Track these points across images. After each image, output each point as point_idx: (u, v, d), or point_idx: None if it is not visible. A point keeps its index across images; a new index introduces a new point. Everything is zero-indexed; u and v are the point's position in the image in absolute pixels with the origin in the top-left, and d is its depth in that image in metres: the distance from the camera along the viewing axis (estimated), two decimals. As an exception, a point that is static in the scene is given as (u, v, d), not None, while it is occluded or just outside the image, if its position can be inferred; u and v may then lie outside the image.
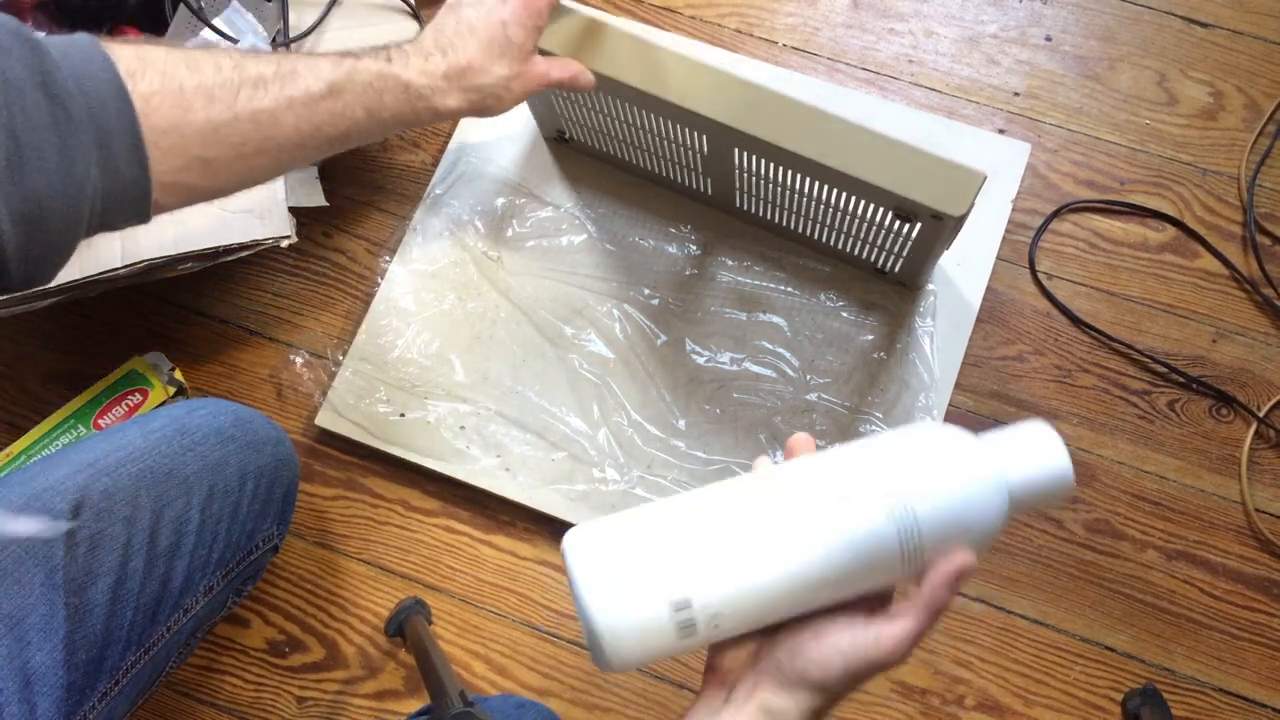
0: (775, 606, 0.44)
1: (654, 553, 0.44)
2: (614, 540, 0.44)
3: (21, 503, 0.64)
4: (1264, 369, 0.92)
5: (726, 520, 0.45)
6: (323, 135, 0.61)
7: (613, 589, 0.43)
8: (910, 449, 0.46)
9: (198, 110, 0.55)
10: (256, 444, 0.76)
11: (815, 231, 0.91)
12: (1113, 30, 1.04)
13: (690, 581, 0.43)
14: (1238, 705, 0.84)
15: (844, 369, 0.91)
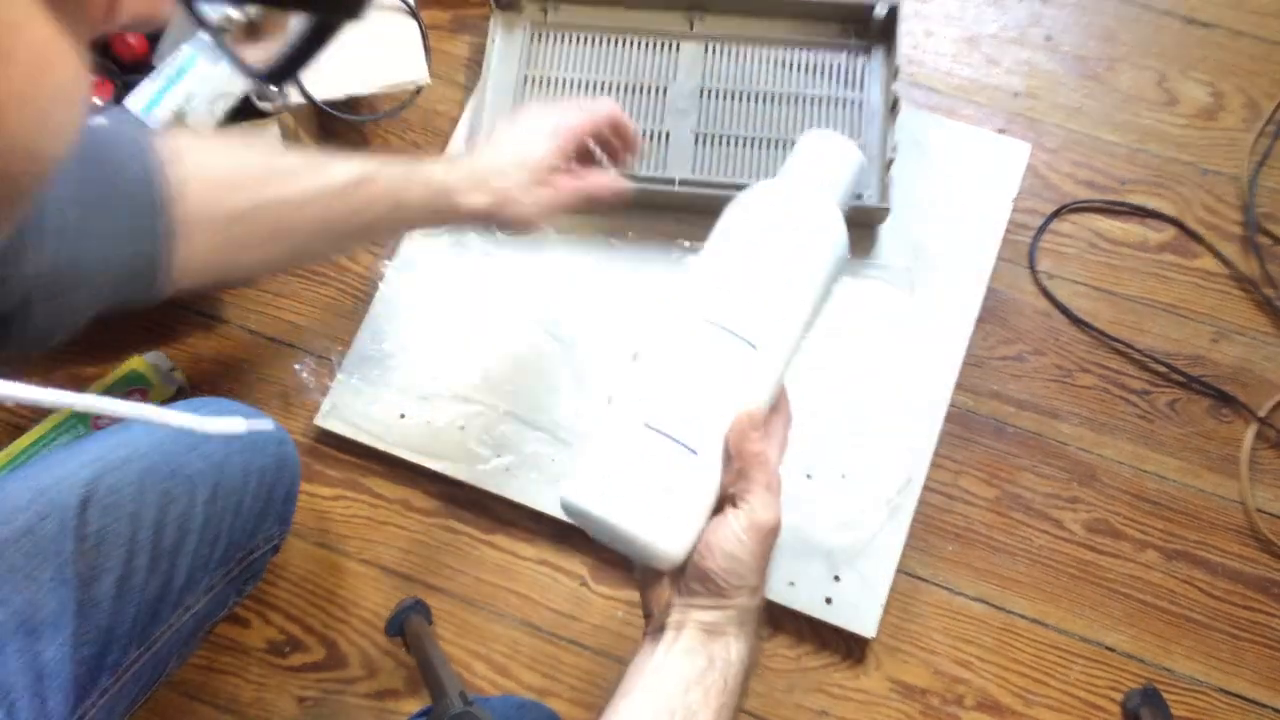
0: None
1: (629, 460, 0.48)
2: (603, 472, 0.48)
3: (30, 497, 0.64)
4: (1264, 369, 0.92)
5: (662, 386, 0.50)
6: (346, 226, 0.62)
7: (634, 504, 0.47)
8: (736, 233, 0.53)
9: (224, 200, 0.57)
10: (260, 443, 0.76)
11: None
12: (1113, 30, 1.04)
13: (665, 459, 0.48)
14: (1237, 705, 0.84)
15: (849, 353, 0.91)
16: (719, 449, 0.48)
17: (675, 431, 0.47)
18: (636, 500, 0.46)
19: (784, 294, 0.50)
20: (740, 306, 0.49)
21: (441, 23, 1.07)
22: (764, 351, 0.49)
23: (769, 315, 0.50)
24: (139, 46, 0.88)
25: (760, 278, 0.50)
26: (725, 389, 0.48)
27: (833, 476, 0.88)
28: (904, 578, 0.87)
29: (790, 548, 0.86)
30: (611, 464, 0.48)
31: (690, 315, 0.50)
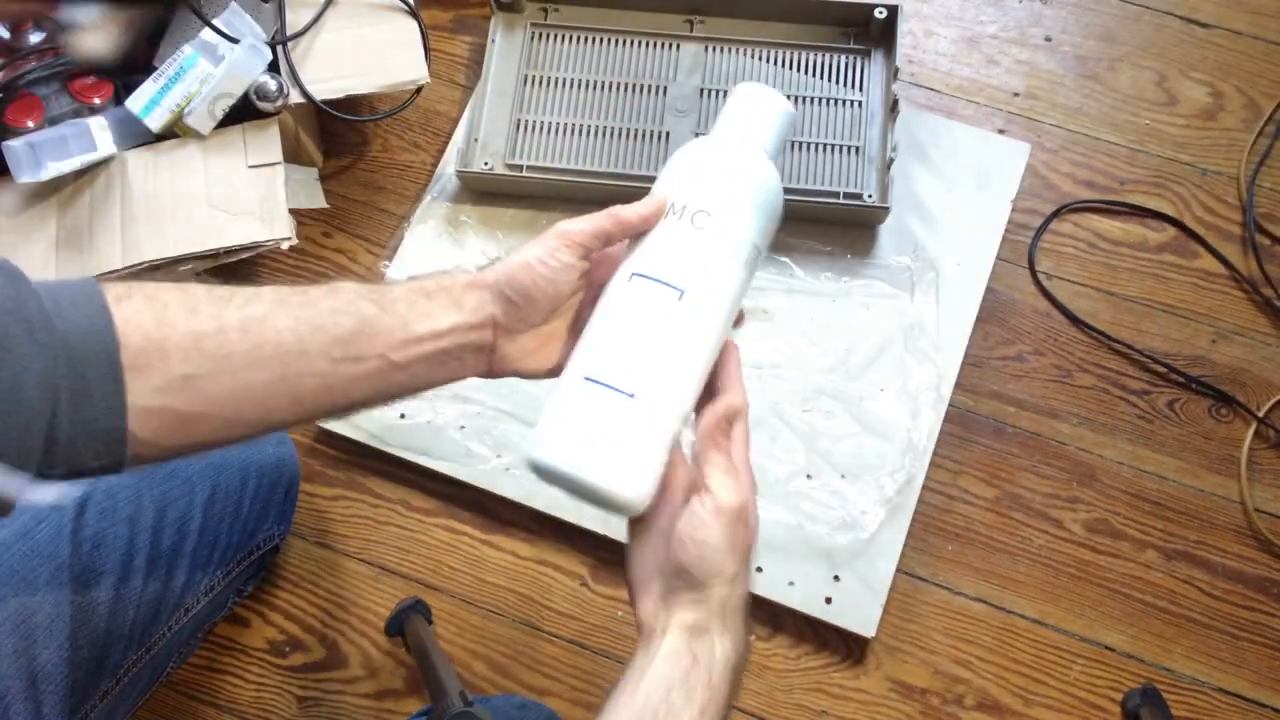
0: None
1: (590, 410, 0.50)
2: (556, 428, 0.50)
3: (18, 516, 0.64)
4: (1263, 369, 0.92)
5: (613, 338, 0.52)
6: (326, 337, 0.51)
7: (585, 454, 0.49)
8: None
9: (179, 323, 0.49)
10: (258, 444, 0.76)
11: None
12: (1112, 30, 1.05)
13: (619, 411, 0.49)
14: (1237, 705, 0.84)
15: (848, 352, 0.91)
16: (661, 392, 0.50)
17: (610, 379, 0.49)
18: (586, 449, 0.49)
19: (710, 242, 0.52)
20: (666, 256, 0.51)
21: (441, 23, 1.07)
22: (691, 296, 0.50)
23: (694, 261, 0.51)
24: (139, 46, 0.89)
25: (686, 227, 0.52)
26: (654, 334, 0.50)
27: (833, 476, 0.88)
28: (904, 578, 0.87)
29: (790, 548, 0.86)
30: (561, 418, 0.50)
31: (623, 270, 0.52)
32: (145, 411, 0.47)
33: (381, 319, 0.51)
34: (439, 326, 0.52)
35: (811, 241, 0.95)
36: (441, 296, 0.53)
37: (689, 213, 0.51)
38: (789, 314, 0.93)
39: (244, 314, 0.49)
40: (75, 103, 0.86)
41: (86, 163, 0.84)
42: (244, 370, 0.49)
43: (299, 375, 0.50)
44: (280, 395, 0.51)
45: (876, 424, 0.89)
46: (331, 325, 0.51)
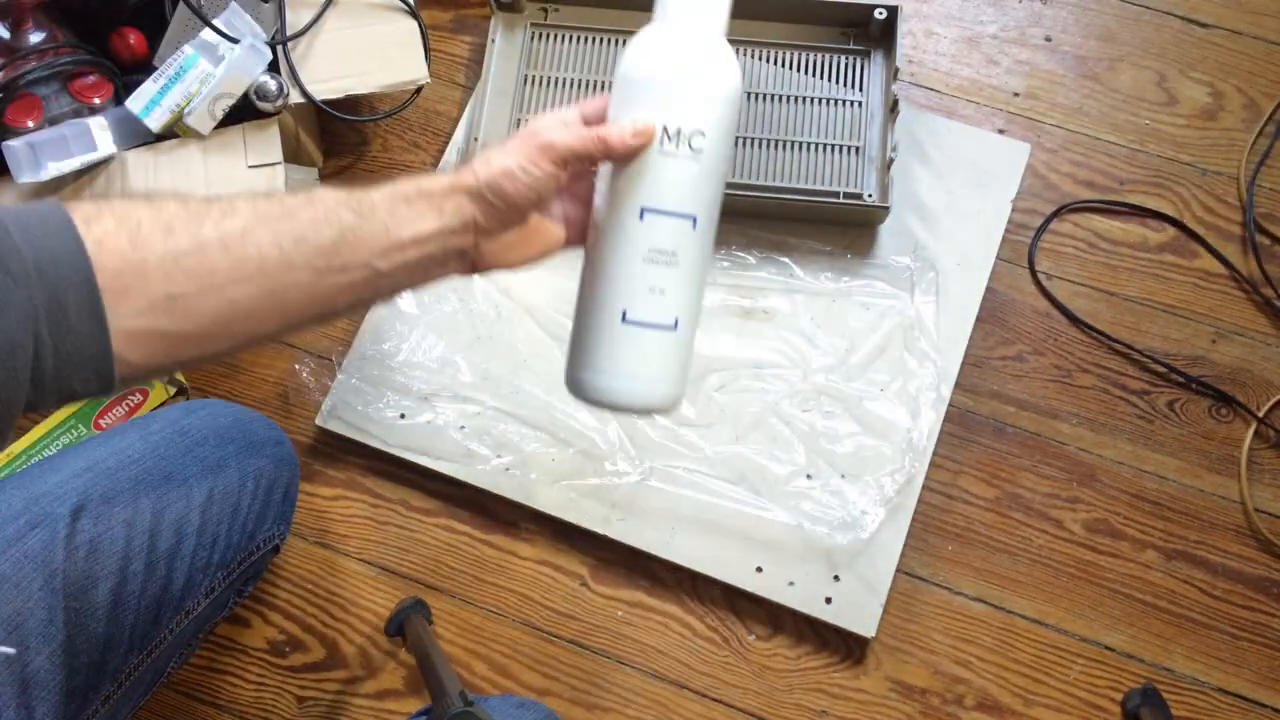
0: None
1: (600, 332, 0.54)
2: (617, 363, 0.54)
3: (21, 506, 0.64)
4: (1263, 369, 0.92)
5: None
6: (310, 249, 0.51)
7: (648, 386, 0.54)
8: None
9: (155, 243, 0.48)
10: (256, 445, 0.76)
11: (790, 170, 0.91)
12: (1112, 30, 1.05)
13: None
14: (1237, 705, 0.84)
15: (848, 352, 0.91)
16: (693, 313, 0.55)
17: (651, 318, 0.53)
18: (640, 383, 0.54)
19: (710, 164, 0.53)
20: (674, 188, 0.52)
21: (441, 23, 1.07)
22: (702, 220, 0.53)
23: (700, 188, 0.53)
24: (139, 46, 0.88)
25: (686, 153, 0.52)
26: (680, 265, 0.53)
27: (833, 476, 0.88)
28: (904, 578, 0.87)
29: (790, 548, 0.86)
30: (609, 358, 0.54)
31: (625, 202, 0.53)
32: (130, 334, 0.47)
33: (363, 227, 0.52)
34: (422, 231, 0.53)
35: (811, 241, 0.95)
36: (421, 202, 0.53)
37: (684, 137, 0.52)
38: (789, 314, 0.93)
39: (222, 230, 0.49)
40: (75, 103, 0.86)
41: (86, 163, 0.84)
42: (229, 287, 0.49)
43: (285, 288, 0.51)
44: (267, 309, 0.51)
45: (876, 424, 0.89)
46: (314, 236, 0.51)
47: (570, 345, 0.56)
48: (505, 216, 0.54)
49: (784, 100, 0.97)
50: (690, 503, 0.87)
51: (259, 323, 0.51)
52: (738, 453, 0.89)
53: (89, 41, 0.87)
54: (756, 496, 0.87)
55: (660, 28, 0.53)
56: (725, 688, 0.85)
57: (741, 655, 0.86)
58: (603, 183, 0.55)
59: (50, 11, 0.86)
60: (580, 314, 0.56)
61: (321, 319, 0.54)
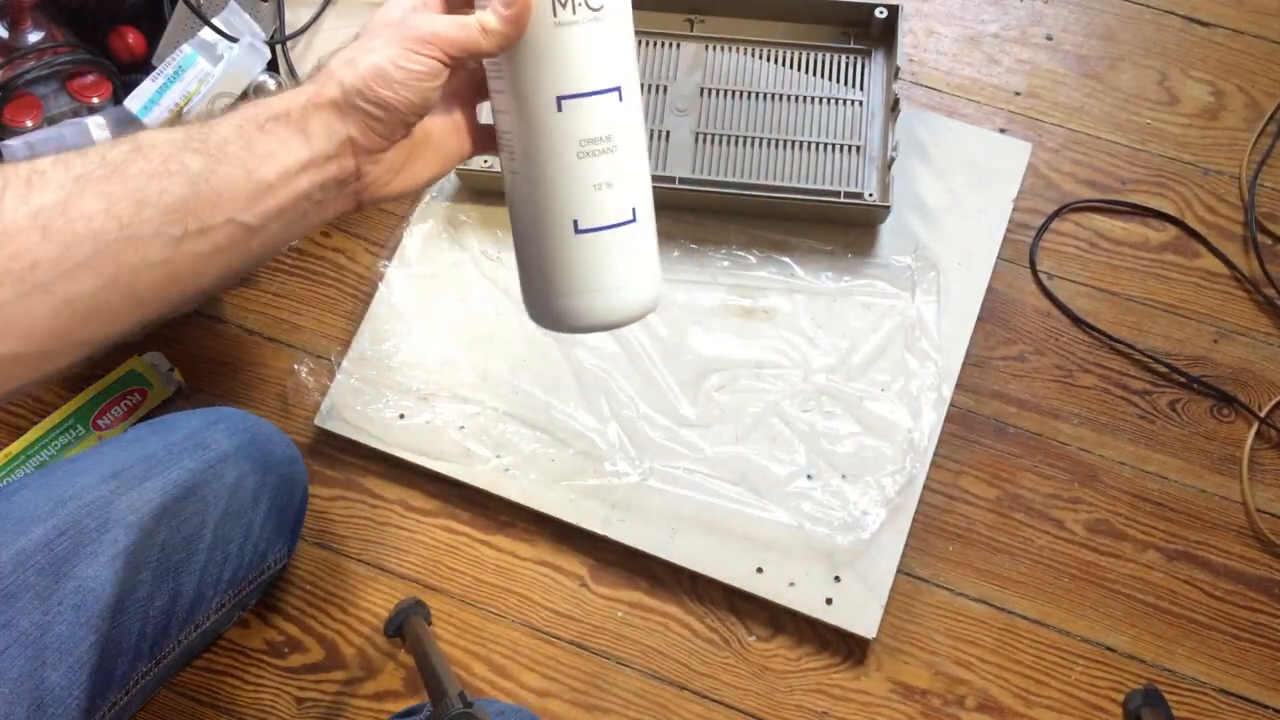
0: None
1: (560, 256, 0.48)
2: (590, 280, 0.48)
3: (48, 508, 0.63)
4: (1265, 369, 0.92)
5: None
6: (155, 212, 0.39)
7: (625, 294, 0.48)
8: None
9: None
10: (273, 464, 0.75)
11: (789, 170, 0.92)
12: (1114, 29, 1.04)
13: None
14: (1239, 706, 0.83)
15: (849, 351, 0.91)
16: (647, 193, 0.48)
17: (607, 219, 0.47)
18: (618, 294, 0.48)
19: (615, 22, 0.46)
20: (585, 64, 0.45)
21: (441, 22, 1.07)
22: (627, 87, 0.47)
23: (613, 54, 0.46)
24: (138, 46, 0.88)
25: (586, 18, 0.45)
26: (619, 149, 0.46)
27: (833, 477, 0.87)
28: (904, 578, 0.86)
29: (791, 548, 0.85)
30: (578, 278, 0.48)
31: (531, 91, 0.45)
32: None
33: (217, 172, 0.40)
34: (289, 164, 0.41)
35: (812, 241, 0.95)
36: (279, 127, 0.42)
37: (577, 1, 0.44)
38: (789, 313, 0.93)
39: (32, 206, 0.36)
40: (74, 102, 0.86)
41: (85, 162, 0.84)
42: (59, 283, 0.36)
43: (134, 271, 0.38)
44: (115, 303, 0.39)
45: (877, 424, 0.89)
46: (156, 195, 0.38)
47: (521, 273, 0.50)
48: (387, 129, 0.43)
49: (784, 99, 0.97)
50: (690, 503, 0.87)
51: (107, 322, 0.39)
52: (738, 453, 0.88)
53: (87, 41, 0.87)
54: (757, 497, 0.87)
55: None
56: (725, 689, 0.85)
57: (742, 656, 0.85)
58: (497, 78, 0.47)
59: (49, 10, 0.86)
60: (522, 235, 0.49)
61: (185, 301, 0.42)
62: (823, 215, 0.95)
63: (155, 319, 0.41)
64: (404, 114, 0.43)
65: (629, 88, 0.47)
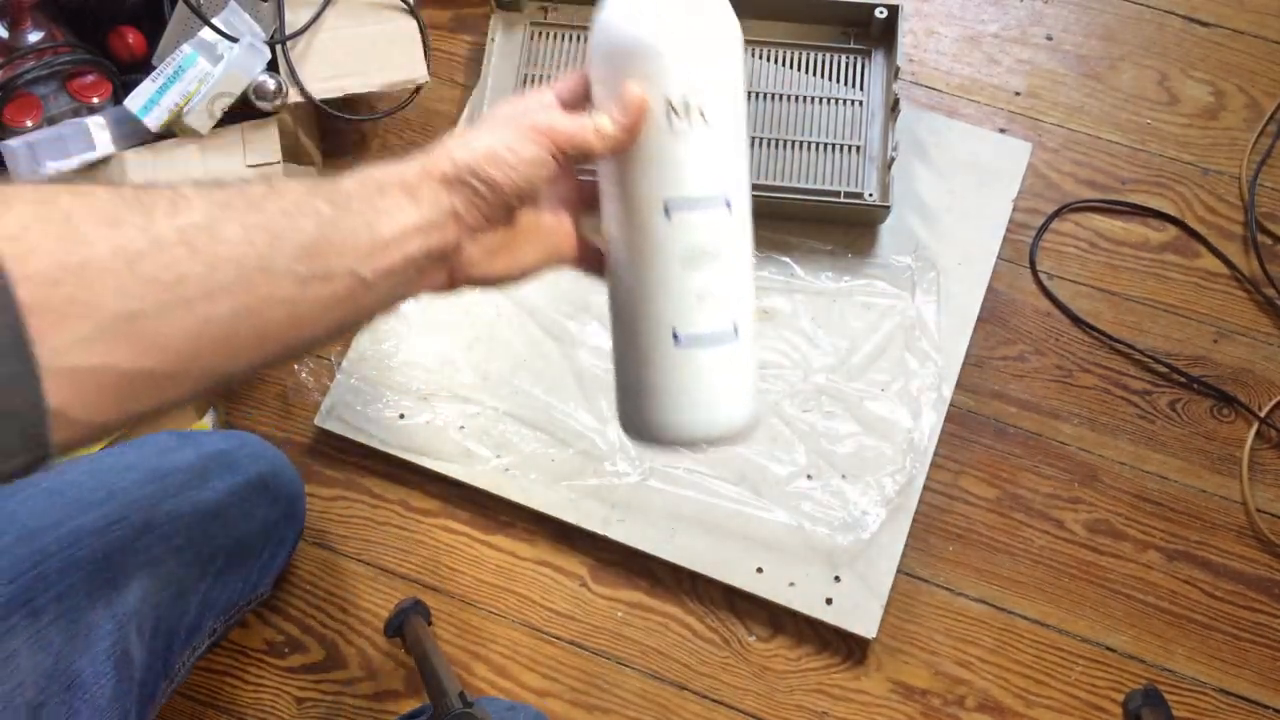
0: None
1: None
2: (685, 395, 0.47)
3: (101, 496, 0.64)
4: (1265, 369, 0.92)
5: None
6: (290, 248, 0.39)
7: (722, 412, 0.47)
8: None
9: (98, 240, 0.34)
10: (281, 500, 0.77)
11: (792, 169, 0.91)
12: (1114, 29, 1.04)
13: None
14: (1239, 706, 0.83)
15: (849, 351, 0.91)
16: (749, 308, 0.47)
17: (709, 328, 0.46)
18: (714, 410, 0.46)
19: (725, 128, 0.45)
20: (696, 170, 0.45)
21: (441, 22, 1.07)
22: (736, 198, 0.46)
23: (723, 162, 0.46)
24: (137, 46, 0.88)
25: (698, 125, 0.44)
26: (724, 260, 0.46)
27: (833, 477, 0.87)
28: (904, 578, 0.86)
29: (791, 548, 0.85)
30: (674, 392, 0.46)
31: (640, 198, 0.45)
32: (71, 375, 0.33)
33: (343, 221, 0.40)
34: (404, 226, 0.42)
35: (812, 240, 0.95)
36: (396, 191, 0.42)
37: (693, 107, 0.44)
38: (789, 313, 0.93)
39: (179, 223, 0.36)
40: (74, 102, 0.86)
41: (85, 162, 0.84)
42: (200, 302, 0.36)
43: (265, 305, 0.38)
44: (243, 335, 0.38)
45: (877, 424, 0.89)
46: (291, 232, 0.39)
47: (617, 381, 0.49)
48: (490, 208, 0.44)
49: (785, 99, 0.97)
50: (690, 503, 0.87)
51: (230, 354, 0.38)
52: (738, 453, 0.88)
53: (87, 40, 0.87)
54: (757, 497, 0.87)
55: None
56: (725, 689, 0.85)
57: (742, 656, 0.85)
58: (608, 182, 0.47)
59: (49, 10, 0.86)
60: (620, 341, 0.48)
61: (292, 352, 0.41)
62: (823, 215, 0.95)
63: (263, 366, 0.41)
64: (509, 195, 0.44)
65: (738, 200, 0.46)
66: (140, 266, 0.34)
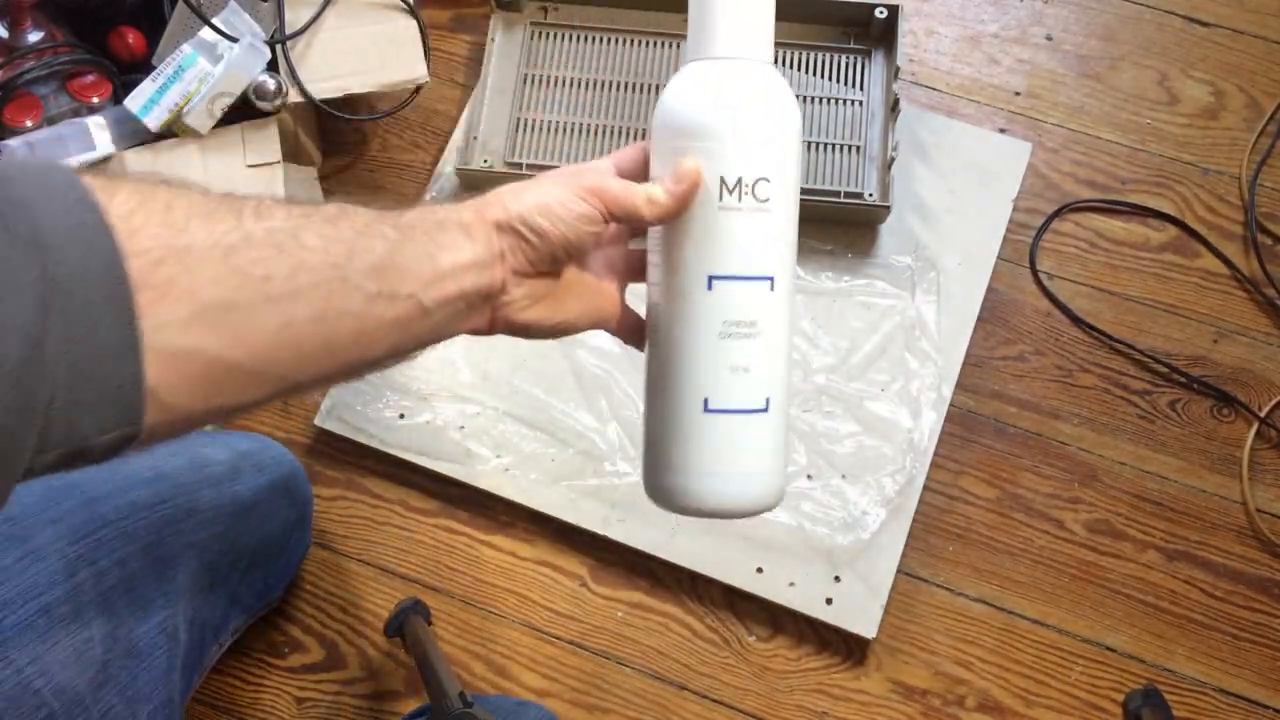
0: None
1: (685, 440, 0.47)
2: (710, 464, 0.47)
3: (151, 475, 0.66)
4: (1265, 369, 0.92)
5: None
6: (362, 264, 0.40)
7: (747, 484, 0.47)
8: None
9: (197, 229, 0.35)
10: (299, 504, 0.79)
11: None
12: (1113, 29, 1.04)
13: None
14: (1239, 706, 0.83)
15: (849, 351, 0.91)
16: (783, 386, 0.48)
17: (739, 403, 0.46)
18: (739, 482, 0.47)
19: (779, 213, 0.46)
20: (744, 248, 0.46)
21: (441, 22, 1.07)
22: (780, 279, 0.46)
23: (772, 243, 0.46)
24: (137, 46, 0.88)
25: (751, 206, 0.45)
26: (763, 337, 0.46)
27: (833, 477, 0.87)
28: (904, 578, 0.86)
29: (791, 548, 0.85)
30: (701, 458, 0.47)
31: (685, 269, 0.46)
32: (169, 356, 0.34)
33: (407, 247, 0.42)
34: (460, 260, 0.43)
35: (812, 240, 0.95)
36: (451, 227, 0.44)
37: (747, 186, 0.45)
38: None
39: (266, 225, 0.38)
40: (74, 102, 0.86)
41: (85, 162, 0.84)
42: (285, 301, 0.37)
43: (338, 315, 0.39)
44: (316, 340, 0.39)
45: (877, 424, 0.89)
46: (362, 249, 0.40)
47: (645, 443, 0.50)
48: (537, 256, 0.45)
49: (784, 99, 0.97)
50: (690, 503, 0.87)
51: (302, 362, 0.39)
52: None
53: (87, 40, 0.87)
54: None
55: (701, 64, 0.46)
56: (725, 689, 0.85)
57: (742, 656, 0.85)
58: (656, 252, 0.48)
59: (48, 10, 0.86)
60: (652, 407, 0.49)
61: (350, 370, 0.42)
62: (822, 215, 0.95)
63: (325, 381, 0.42)
64: (555, 246, 0.45)
65: (782, 280, 0.46)
66: (233, 259, 0.36)
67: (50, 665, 0.55)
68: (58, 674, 0.55)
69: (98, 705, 0.58)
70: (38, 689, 0.54)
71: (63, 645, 0.56)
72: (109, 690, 0.59)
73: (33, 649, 0.55)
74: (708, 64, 0.46)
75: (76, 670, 0.57)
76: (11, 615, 0.55)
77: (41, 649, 0.55)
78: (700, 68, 0.46)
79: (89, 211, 0.32)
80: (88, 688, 0.57)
